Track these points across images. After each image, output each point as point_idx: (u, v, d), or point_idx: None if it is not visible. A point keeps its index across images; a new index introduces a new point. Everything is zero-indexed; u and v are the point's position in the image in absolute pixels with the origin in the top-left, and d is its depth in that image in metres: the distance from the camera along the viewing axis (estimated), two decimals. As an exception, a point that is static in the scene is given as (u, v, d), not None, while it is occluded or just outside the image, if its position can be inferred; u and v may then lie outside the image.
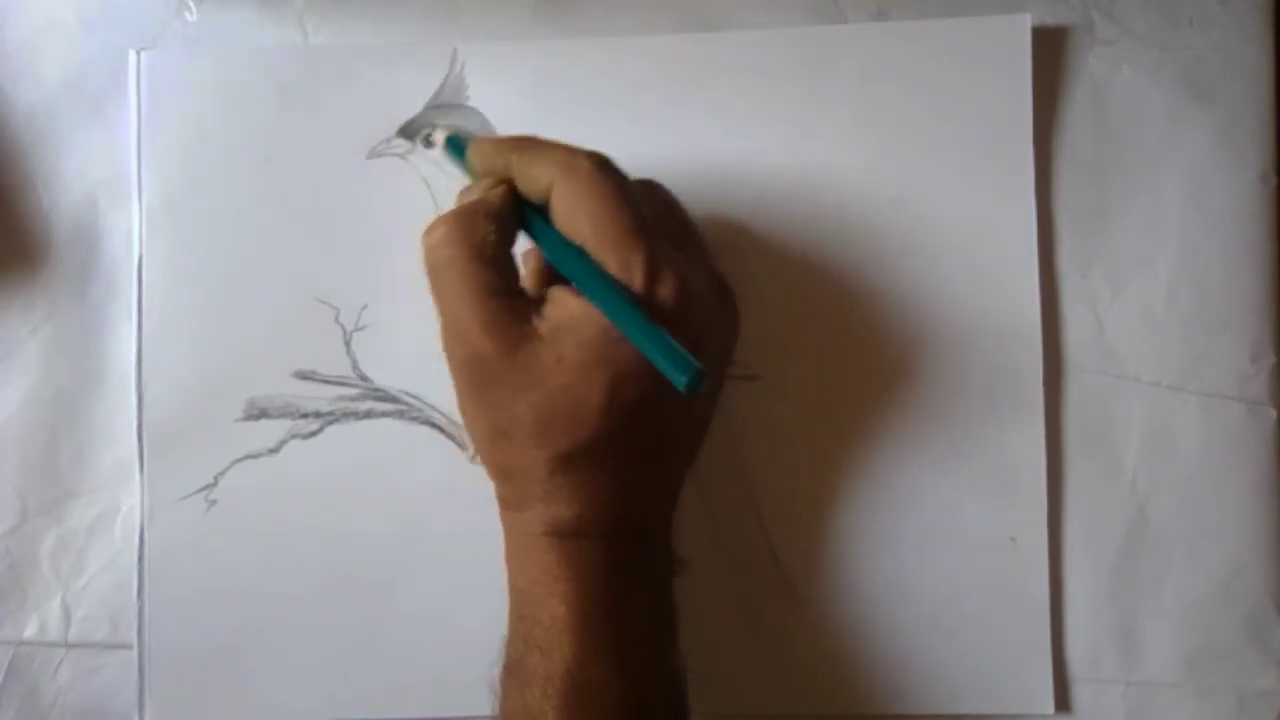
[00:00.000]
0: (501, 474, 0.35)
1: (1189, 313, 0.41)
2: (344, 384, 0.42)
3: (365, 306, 0.42)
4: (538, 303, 0.34)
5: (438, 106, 0.42)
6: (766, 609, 0.41)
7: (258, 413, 0.42)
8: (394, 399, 0.42)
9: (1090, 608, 0.41)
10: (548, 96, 0.42)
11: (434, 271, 0.34)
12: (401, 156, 0.42)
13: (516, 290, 0.34)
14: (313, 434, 0.42)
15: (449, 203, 0.42)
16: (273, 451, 0.42)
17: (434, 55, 0.43)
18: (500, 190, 0.35)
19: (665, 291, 0.33)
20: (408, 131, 0.42)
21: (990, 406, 0.41)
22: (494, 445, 0.35)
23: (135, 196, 0.43)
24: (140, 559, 0.42)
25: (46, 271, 0.43)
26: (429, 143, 0.42)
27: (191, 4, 0.44)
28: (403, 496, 0.41)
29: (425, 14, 0.43)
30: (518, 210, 0.35)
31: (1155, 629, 0.41)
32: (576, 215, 0.33)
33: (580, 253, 0.33)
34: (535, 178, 0.34)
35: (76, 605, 0.43)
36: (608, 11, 0.43)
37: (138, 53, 0.43)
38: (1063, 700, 0.41)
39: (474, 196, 0.35)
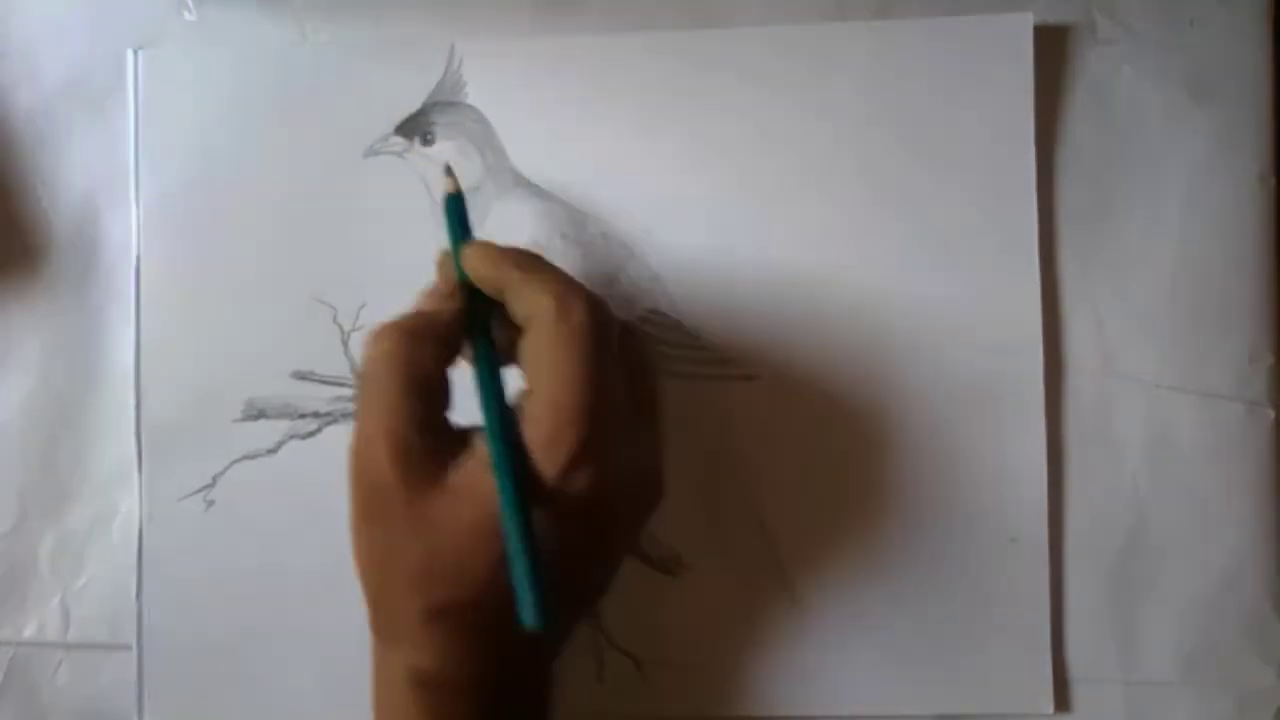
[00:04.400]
0: (374, 605, 0.34)
1: (1189, 313, 0.41)
2: (342, 384, 0.42)
3: (363, 306, 0.42)
4: (457, 445, 0.32)
5: (436, 104, 0.42)
6: (766, 609, 0.41)
7: (256, 413, 0.42)
8: (393, 399, 0.42)
9: (1090, 608, 0.41)
10: (546, 93, 0.42)
11: (364, 382, 0.33)
12: (399, 154, 0.42)
13: (441, 426, 0.33)
14: (311, 434, 0.42)
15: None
16: (271, 452, 0.42)
17: (432, 52, 0.43)
18: (454, 309, 0.34)
19: (579, 482, 0.31)
20: (406, 129, 0.42)
21: (991, 406, 0.41)
22: (371, 576, 0.33)
23: (134, 196, 0.43)
24: (139, 559, 0.42)
25: (46, 271, 0.43)
26: (427, 140, 0.42)
27: (191, 3, 0.44)
28: (402, 496, 0.41)
29: (424, 12, 0.43)
30: (471, 328, 0.34)
31: (1155, 629, 0.41)
32: (542, 359, 0.32)
33: (507, 415, 0.32)
34: (526, 303, 0.33)
35: (75, 606, 0.43)
36: (607, 8, 0.43)
37: (136, 52, 0.43)
38: (1063, 700, 0.41)
39: (431, 305, 0.34)
